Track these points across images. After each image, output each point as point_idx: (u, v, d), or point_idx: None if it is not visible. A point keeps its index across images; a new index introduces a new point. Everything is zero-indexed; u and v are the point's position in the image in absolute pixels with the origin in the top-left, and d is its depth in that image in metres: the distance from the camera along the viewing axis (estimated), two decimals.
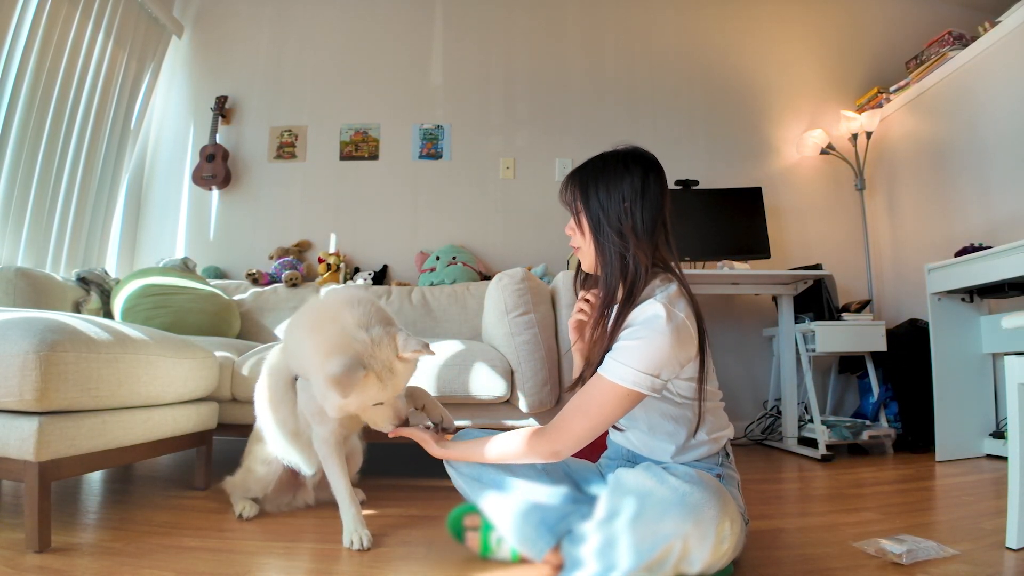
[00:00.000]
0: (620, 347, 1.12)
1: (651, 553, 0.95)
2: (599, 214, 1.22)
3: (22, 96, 2.63)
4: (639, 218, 1.19)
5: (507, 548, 1.30)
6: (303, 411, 1.49)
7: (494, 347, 2.20)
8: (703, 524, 0.95)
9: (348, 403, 1.28)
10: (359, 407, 1.32)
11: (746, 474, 1.35)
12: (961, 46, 2.97)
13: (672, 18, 3.72)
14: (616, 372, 1.10)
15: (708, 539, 0.95)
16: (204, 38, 3.70)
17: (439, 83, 3.63)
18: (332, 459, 1.46)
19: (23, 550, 1.28)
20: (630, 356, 1.10)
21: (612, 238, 1.19)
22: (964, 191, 2.93)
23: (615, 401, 1.11)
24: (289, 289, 3.08)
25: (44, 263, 2.80)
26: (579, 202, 1.26)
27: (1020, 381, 1.38)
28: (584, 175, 1.27)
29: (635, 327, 1.12)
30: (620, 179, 1.22)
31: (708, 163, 3.55)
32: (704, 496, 0.97)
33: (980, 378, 2.64)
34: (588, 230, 1.24)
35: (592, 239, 1.23)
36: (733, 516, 1.00)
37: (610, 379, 1.11)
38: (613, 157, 1.26)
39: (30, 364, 1.24)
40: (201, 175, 3.43)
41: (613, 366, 1.11)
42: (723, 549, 0.97)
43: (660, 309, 1.10)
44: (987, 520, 1.59)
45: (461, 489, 1.36)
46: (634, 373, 1.09)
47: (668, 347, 1.09)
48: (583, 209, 1.25)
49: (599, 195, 1.22)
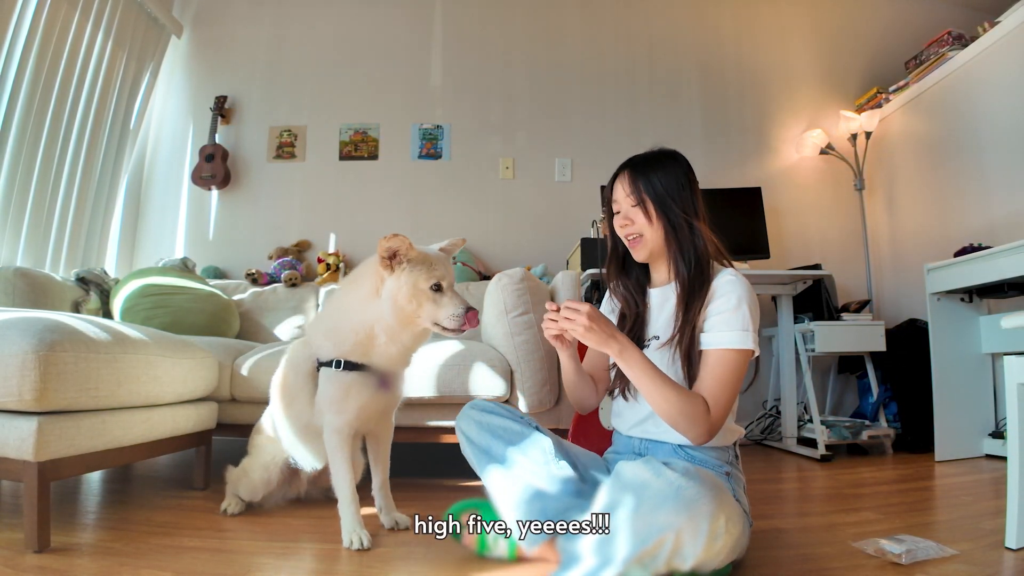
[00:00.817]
0: (722, 319, 1.21)
1: (643, 545, 0.95)
2: (666, 199, 1.29)
3: (21, 96, 2.62)
4: (697, 203, 1.31)
5: (504, 545, 1.29)
6: (321, 402, 1.47)
7: (493, 347, 2.20)
8: (697, 518, 0.95)
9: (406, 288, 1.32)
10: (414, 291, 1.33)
11: (746, 474, 1.35)
12: (960, 46, 2.97)
13: (672, 18, 3.72)
14: (736, 339, 1.19)
15: (701, 534, 0.95)
16: (203, 38, 3.70)
17: (438, 83, 3.63)
18: (341, 452, 1.45)
19: (22, 550, 1.28)
20: (737, 320, 1.20)
21: (681, 217, 1.28)
22: (963, 191, 2.93)
23: (743, 365, 1.21)
24: (288, 289, 3.08)
25: (43, 263, 2.79)
26: (641, 190, 1.30)
27: (1019, 381, 1.38)
28: (639, 166, 1.33)
29: (721, 298, 1.23)
30: (673, 169, 1.31)
31: (707, 163, 3.55)
32: (699, 491, 0.98)
33: (979, 378, 2.64)
34: (656, 215, 1.30)
35: (663, 220, 1.30)
36: (730, 513, 1.00)
37: (737, 347, 1.19)
38: (657, 152, 1.36)
39: (29, 364, 1.24)
40: (200, 175, 3.43)
41: (731, 336, 1.20)
42: (717, 546, 0.97)
43: (732, 274, 1.24)
44: (986, 520, 1.59)
45: (468, 456, 1.36)
46: (748, 335, 1.19)
47: (754, 303, 1.23)
48: (648, 195, 1.30)
49: (661, 181, 1.30)
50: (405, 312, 1.35)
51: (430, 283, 1.34)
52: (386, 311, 1.36)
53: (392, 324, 1.38)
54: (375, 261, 1.37)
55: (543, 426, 1.32)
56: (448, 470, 2.27)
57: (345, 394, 1.43)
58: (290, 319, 2.97)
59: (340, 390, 1.43)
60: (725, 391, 1.19)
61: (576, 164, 3.54)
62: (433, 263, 1.36)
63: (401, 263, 1.34)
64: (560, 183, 3.52)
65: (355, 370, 1.43)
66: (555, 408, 2.17)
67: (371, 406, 1.48)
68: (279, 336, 2.92)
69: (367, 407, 1.47)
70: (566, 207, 3.45)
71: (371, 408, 1.49)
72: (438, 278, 1.34)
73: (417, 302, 1.34)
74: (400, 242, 1.32)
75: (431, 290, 1.34)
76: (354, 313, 1.42)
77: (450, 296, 1.36)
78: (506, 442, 1.28)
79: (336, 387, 1.43)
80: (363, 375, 1.44)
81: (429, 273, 1.34)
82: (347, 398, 1.43)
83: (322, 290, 3.08)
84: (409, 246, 1.33)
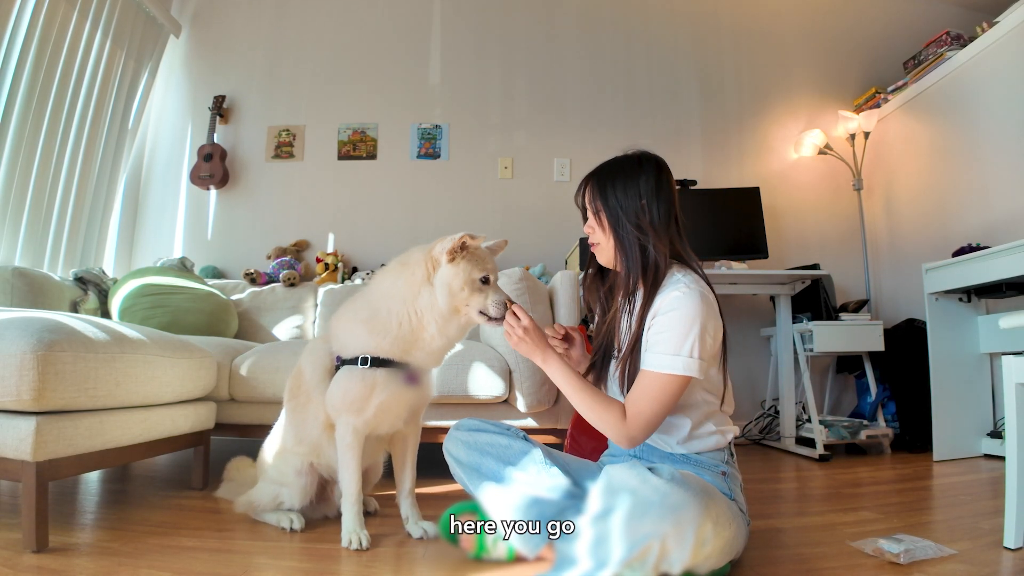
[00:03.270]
0: (656, 339, 1.20)
1: (631, 552, 0.95)
2: (618, 211, 1.29)
3: (20, 95, 2.62)
4: (655, 213, 1.28)
5: (503, 548, 1.29)
6: (335, 400, 1.43)
7: (492, 347, 2.20)
8: (682, 525, 0.95)
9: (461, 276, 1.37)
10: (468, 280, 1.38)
11: (744, 474, 1.35)
12: (959, 46, 2.97)
13: (671, 18, 3.72)
14: (666, 363, 1.17)
15: (687, 541, 0.95)
16: (202, 37, 3.70)
17: (437, 83, 3.63)
18: (352, 451, 1.43)
19: (20, 550, 1.27)
20: (672, 342, 1.17)
21: (632, 233, 1.27)
22: (962, 191, 2.94)
23: (670, 389, 1.18)
24: (287, 289, 3.07)
25: (42, 263, 2.79)
26: (598, 201, 1.32)
27: (1018, 381, 1.38)
28: (601, 176, 1.35)
29: (663, 315, 1.21)
30: (635, 178, 1.30)
31: (706, 163, 3.55)
32: (685, 497, 0.98)
33: (977, 378, 2.64)
34: (608, 227, 1.31)
35: (612, 235, 1.31)
36: (717, 518, 1.00)
37: (659, 371, 1.18)
38: (625, 159, 1.35)
39: (27, 364, 1.24)
40: (199, 175, 3.43)
41: (657, 359, 1.19)
42: (705, 551, 0.98)
43: (681, 288, 1.21)
44: (985, 519, 1.59)
45: (459, 479, 1.36)
46: (678, 359, 1.17)
47: (699, 316, 1.17)
48: (602, 208, 1.31)
49: (616, 194, 1.30)
50: (457, 299, 1.39)
51: (481, 275, 1.39)
52: (440, 297, 1.39)
53: (444, 311, 1.40)
54: (426, 249, 1.42)
55: (542, 426, 1.33)
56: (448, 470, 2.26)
57: (369, 392, 1.40)
58: (288, 319, 2.96)
59: (364, 387, 1.40)
60: (645, 406, 1.19)
61: (575, 164, 3.54)
62: (484, 257, 1.43)
63: (464, 255, 1.39)
64: (559, 183, 3.52)
65: (382, 367, 1.41)
66: (554, 408, 2.17)
67: (396, 405, 1.45)
68: (277, 336, 2.92)
69: (391, 406, 1.44)
70: (565, 207, 3.44)
71: (396, 407, 1.45)
72: (488, 271, 1.41)
73: (469, 290, 1.38)
74: (473, 241, 1.39)
75: (480, 281, 1.39)
76: (402, 301, 1.42)
77: (494, 288, 1.42)
78: (495, 458, 1.30)
79: (360, 384, 1.40)
80: (388, 371, 1.42)
81: (482, 265, 1.40)
82: (371, 396, 1.40)
83: (321, 290, 3.07)
84: (477, 247, 1.42)
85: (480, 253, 1.43)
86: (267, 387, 2.09)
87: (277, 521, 1.54)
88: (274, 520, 1.55)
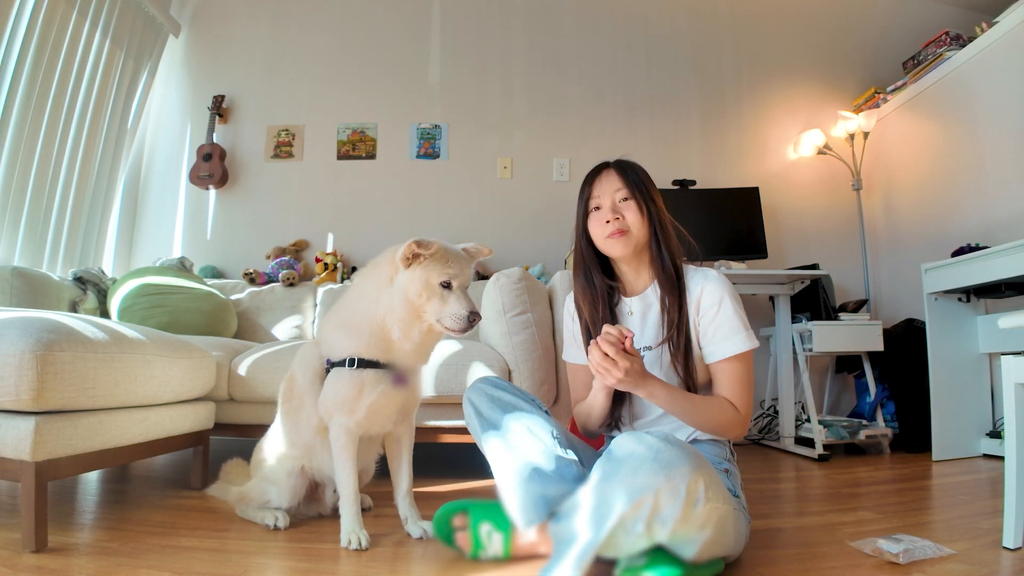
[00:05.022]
0: (719, 326, 1.30)
1: (626, 505, 0.96)
2: (652, 196, 1.38)
3: (19, 95, 2.61)
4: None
5: (498, 543, 1.29)
6: (327, 403, 1.43)
7: (491, 347, 2.20)
8: (674, 479, 0.97)
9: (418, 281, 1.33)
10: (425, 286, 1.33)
11: (744, 473, 1.35)
12: (958, 46, 2.97)
13: (670, 18, 3.72)
14: (740, 343, 1.28)
15: (679, 495, 0.97)
16: (201, 37, 3.70)
17: (436, 82, 3.63)
18: (347, 451, 1.42)
19: (20, 550, 1.27)
20: (734, 324, 1.29)
21: (665, 218, 1.37)
22: (961, 191, 2.94)
23: (751, 362, 1.31)
24: (286, 289, 3.07)
25: (41, 262, 2.79)
26: (635, 185, 1.37)
27: (1017, 381, 1.38)
28: (625, 164, 1.42)
29: (711, 306, 1.30)
30: (645, 172, 1.42)
31: (706, 163, 3.55)
32: (677, 453, 1.01)
33: (976, 378, 2.65)
34: (645, 210, 1.36)
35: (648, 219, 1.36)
36: (710, 482, 1.02)
37: (742, 351, 1.29)
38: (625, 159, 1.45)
39: (27, 364, 1.24)
40: (198, 174, 3.42)
41: (733, 342, 1.29)
42: (697, 512, 0.99)
43: (711, 276, 1.32)
44: (984, 519, 1.59)
45: (472, 428, 1.36)
46: (746, 334, 1.29)
47: (737, 296, 1.31)
48: (640, 191, 1.37)
49: (644, 180, 1.39)
50: (413, 305, 1.34)
51: (441, 279, 1.33)
52: (396, 302, 1.35)
53: (403, 317, 1.36)
54: (393, 250, 1.37)
55: None
56: (447, 471, 2.27)
57: (358, 393, 1.39)
58: (288, 319, 2.96)
59: (353, 389, 1.39)
60: (744, 390, 1.29)
61: (574, 164, 3.54)
62: (450, 260, 1.35)
63: (420, 259, 1.34)
64: (558, 183, 3.52)
65: (369, 368, 1.40)
66: (552, 408, 2.17)
67: (386, 405, 1.44)
68: (277, 336, 2.92)
69: (381, 406, 1.43)
70: (564, 207, 3.44)
71: (387, 408, 1.45)
72: (450, 276, 1.34)
73: (426, 296, 1.33)
74: (420, 248, 1.32)
75: (440, 287, 1.34)
76: (369, 303, 1.40)
77: (457, 296, 1.34)
78: (516, 418, 1.29)
79: (348, 386, 1.40)
80: (376, 373, 1.41)
81: (442, 269, 1.34)
82: (360, 397, 1.39)
83: (320, 290, 3.07)
84: (438, 249, 1.34)
85: (445, 256, 1.35)
86: (266, 387, 2.09)
87: (262, 519, 1.54)
88: (259, 518, 1.55)
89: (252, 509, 1.59)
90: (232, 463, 1.89)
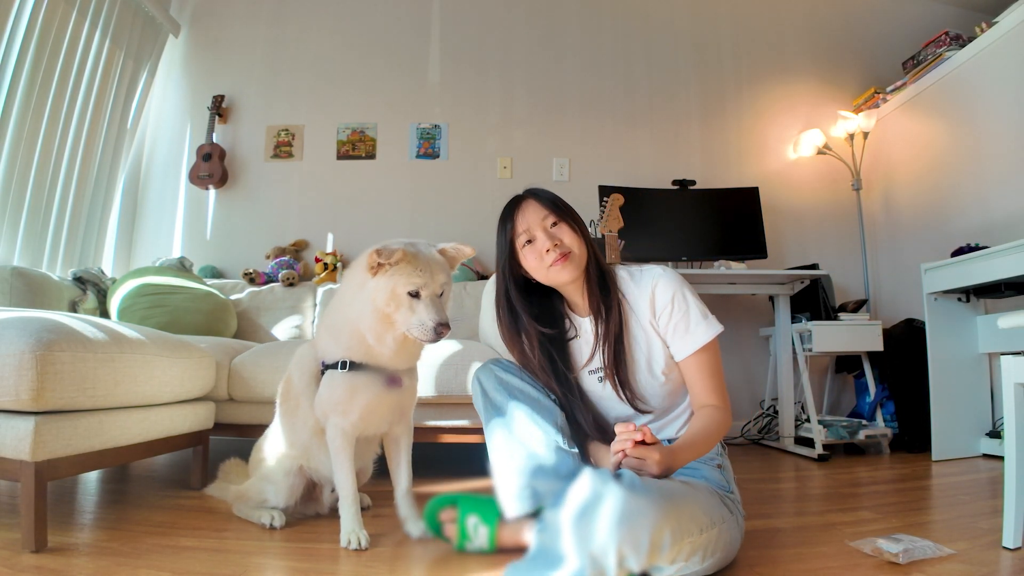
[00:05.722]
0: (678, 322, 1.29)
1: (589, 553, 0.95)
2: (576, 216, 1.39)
3: (18, 95, 2.61)
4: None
5: (484, 535, 1.30)
6: (323, 404, 1.43)
7: (491, 347, 2.20)
8: (636, 531, 0.94)
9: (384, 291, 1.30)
10: (392, 295, 1.29)
11: (743, 473, 1.36)
12: (958, 47, 2.97)
13: (670, 19, 3.72)
14: (703, 333, 1.28)
15: (642, 547, 0.94)
16: (201, 37, 3.69)
17: (436, 82, 3.63)
18: (344, 452, 1.42)
19: (19, 550, 1.27)
20: (693, 315, 1.30)
21: (588, 236, 1.38)
22: (961, 191, 2.94)
23: (717, 351, 1.32)
24: (286, 289, 3.07)
25: (40, 262, 2.79)
26: (562, 208, 1.37)
27: (1016, 381, 1.38)
28: (541, 191, 1.40)
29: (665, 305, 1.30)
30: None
31: (705, 163, 3.55)
32: (643, 504, 0.97)
33: (976, 378, 2.65)
34: (581, 232, 1.37)
35: (584, 240, 1.36)
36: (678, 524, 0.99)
37: (707, 340, 1.28)
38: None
39: (26, 364, 1.24)
40: (198, 174, 3.42)
41: (696, 334, 1.29)
42: (663, 555, 0.97)
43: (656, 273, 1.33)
44: (983, 519, 1.59)
45: (479, 409, 1.37)
46: (707, 321, 1.30)
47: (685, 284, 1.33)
48: (573, 216, 1.38)
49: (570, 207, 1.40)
50: (383, 314, 1.32)
51: (408, 289, 1.29)
52: (366, 310, 1.34)
53: (372, 324, 1.34)
54: (367, 254, 1.34)
55: None
56: (447, 471, 2.27)
57: (351, 395, 1.40)
58: (287, 319, 2.96)
59: (346, 391, 1.40)
60: (718, 381, 1.29)
61: (574, 164, 3.54)
62: (419, 268, 1.30)
63: (385, 268, 1.31)
64: (558, 183, 3.52)
65: (360, 370, 1.41)
66: None
67: (380, 406, 1.44)
68: (276, 336, 2.92)
69: (375, 408, 1.43)
70: None
71: (380, 409, 1.45)
72: (417, 286, 1.30)
73: (394, 305, 1.31)
74: (379, 257, 1.28)
75: (408, 295, 1.31)
76: (346, 307, 1.40)
77: (426, 305, 1.30)
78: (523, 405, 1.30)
79: (341, 388, 1.40)
80: (368, 374, 1.41)
81: (408, 280, 1.29)
82: (353, 399, 1.40)
83: (320, 290, 3.07)
84: (402, 257, 1.30)
85: (413, 263, 1.30)
86: (266, 387, 2.09)
87: (259, 518, 1.54)
88: (256, 517, 1.56)
89: (249, 508, 1.60)
90: (231, 462, 1.89)
